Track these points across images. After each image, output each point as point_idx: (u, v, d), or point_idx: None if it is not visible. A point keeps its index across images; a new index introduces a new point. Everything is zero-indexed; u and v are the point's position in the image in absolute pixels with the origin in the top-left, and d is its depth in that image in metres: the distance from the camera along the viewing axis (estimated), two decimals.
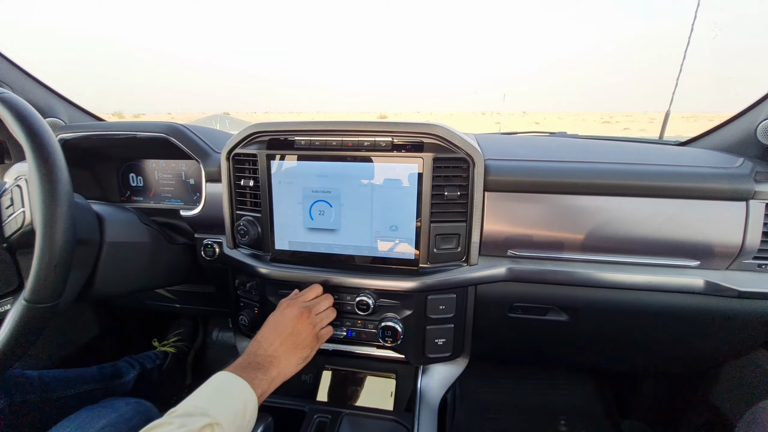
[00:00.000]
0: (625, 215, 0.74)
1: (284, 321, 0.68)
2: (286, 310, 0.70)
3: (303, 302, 0.73)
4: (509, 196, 0.76)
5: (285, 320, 0.68)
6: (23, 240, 0.56)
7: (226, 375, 0.57)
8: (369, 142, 0.74)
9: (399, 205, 0.74)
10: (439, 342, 0.80)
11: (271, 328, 0.67)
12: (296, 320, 0.68)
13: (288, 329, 0.67)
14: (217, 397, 0.53)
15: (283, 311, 0.70)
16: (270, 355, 0.63)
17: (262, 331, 0.67)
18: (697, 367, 1.00)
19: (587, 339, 0.90)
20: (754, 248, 0.72)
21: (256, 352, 0.63)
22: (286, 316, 0.69)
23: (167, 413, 0.50)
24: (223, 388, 0.55)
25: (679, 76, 1.17)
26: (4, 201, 0.59)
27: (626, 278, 0.76)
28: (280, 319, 0.69)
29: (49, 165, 0.53)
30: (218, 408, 0.51)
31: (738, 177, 0.71)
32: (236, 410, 0.52)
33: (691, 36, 1.22)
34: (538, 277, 0.77)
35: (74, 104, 1.18)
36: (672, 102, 1.18)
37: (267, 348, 0.64)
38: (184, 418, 0.47)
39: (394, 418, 0.72)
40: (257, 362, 0.61)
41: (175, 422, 0.46)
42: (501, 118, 8.47)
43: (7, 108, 0.56)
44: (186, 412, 0.49)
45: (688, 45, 1.24)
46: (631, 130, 6.49)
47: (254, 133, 0.78)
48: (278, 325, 0.67)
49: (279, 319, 0.68)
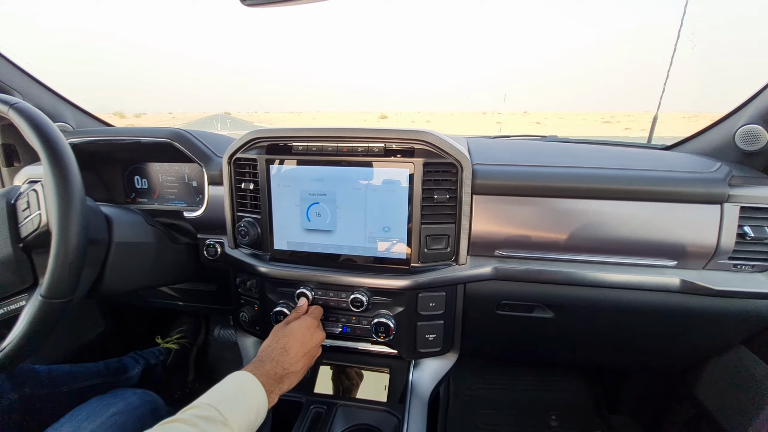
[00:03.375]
0: (606, 217, 0.78)
1: (311, 342, 0.71)
2: (316, 334, 0.73)
3: (315, 316, 0.78)
4: (496, 199, 0.80)
5: (312, 341, 0.71)
6: (39, 240, 0.60)
7: (249, 378, 0.58)
8: (363, 147, 0.78)
9: (391, 207, 0.78)
10: (429, 337, 0.84)
11: (300, 344, 0.69)
12: (317, 340, 0.72)
13: (310, 350, 0.70)
14: (237, 401, 0.54)
15: (313, 333, 0.73)
16: (291, 371, 0.65)
17: (291, 343, 0.68)
18: (680, 364, 1.04)
19: (572, 336, 0.94)
20: (729, 249, 0.75)
21: (282, 363, 0.64)
22: (314, 338, 0.72)
23: (187, 408, 0.51)
24: (244, 392, 0.56)
25: (667, 79, 1.20)
26: (20, 204, 0.63)
27: (607, 277, 0.79)
28: (308, 337, 0.71)
29: (63, 170, 0.57)
30: (236, 414, 0.52)
31: (712, 181, 0.75)
32: (250, 419, 0.54)
33: (678, 37, 1.25)
34: (523, 275, 0.81)
35: (81, 109, 1.22)
36: (660, 106, 1.21)
37: (292, 363, 0.65)
38: (206, 423, 0.48)
39: (386, 409, 0.76)
40: (281, 375, 0.63)
41: (200, 424, 0.48)
42: (501, 118, 8.50)
43: (23, 117, 0.60)
44: (208, 416, 0.50)
45: (676, 47, 1.28)
46: (633, 130, 6.50)
47: (254, 139, 0.82)
48: (305, 343, 0.70)
49: (307, 338, 0.71)
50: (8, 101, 0.61)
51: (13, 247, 0.60)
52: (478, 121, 16.97)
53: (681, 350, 0.96)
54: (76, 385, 0.92)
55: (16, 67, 1.09)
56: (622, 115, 15.68)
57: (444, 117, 25.38)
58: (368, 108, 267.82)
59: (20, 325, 0.57)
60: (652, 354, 1.00)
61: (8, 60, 1.07)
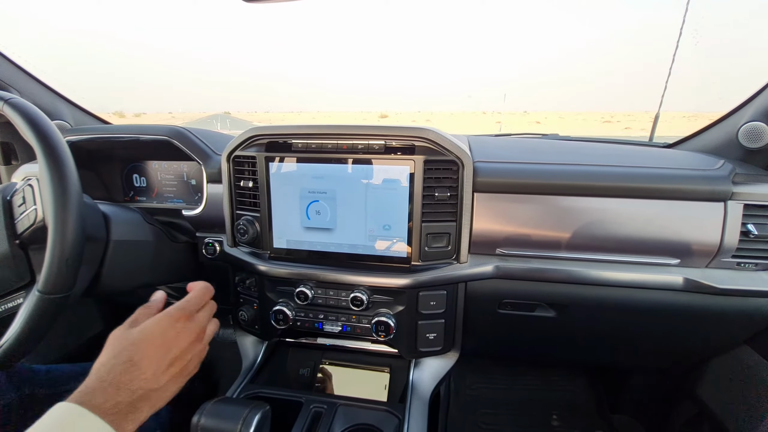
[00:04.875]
0: (608, 215, 0.77)
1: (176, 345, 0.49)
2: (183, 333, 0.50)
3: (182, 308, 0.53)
4: (498, 196, 0.80)
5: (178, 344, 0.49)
6: (35, 236, 0.59)
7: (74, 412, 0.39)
8: (363, 145, 0.77)
9: (392, 205, 0.78)
10: (430, 336, 0.83)
11: (157, 351, 0.47)
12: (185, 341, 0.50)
13: (179, 355, 0.48)
14: None
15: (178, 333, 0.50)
16: (150, 389, 0.44)
17: (141, 354, 0.45)
18: (683, 363, 1.03)
19: (575, 335, 0.94)
20: (732, 247, 0.75)
21: (130, 384, 0.43)
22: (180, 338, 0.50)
23: None
24: None
25: (668, 79, 1.19)
26: (16, 200, 0.63)
27: (610, 276, 0.79)
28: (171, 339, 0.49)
29: (59, 165, 0.57)
30: None
31: (716, 179, 0.74)
32: None
33: (680, 35, 1.24)
34: (525, 274, 0.81)
35: (79, 107, 1.21)
36: (661, 105, 1.20)
37: (149, 380, 0.44)
38: None
39: (386, 408, 0.75)
40: (130, 401, 0.43)
41: None
42: (502, 118, 8.52)
43: (18, 113, 0.60)
44: None
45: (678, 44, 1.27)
46: (633, 130, 6.47)
47: (253, 136, 0.82)
48: (167, 348, 0.48)
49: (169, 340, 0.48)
50: (3, 97, 0.61)
51: (10, 244, 0.59)
52: (478, 121, 16.98)
53: (684, 349, 0.95)
54: (75, 384, 0.91)
55: (14, 64, 1.09)
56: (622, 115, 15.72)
57: (444, 116, 25.36)
58: (368, 107, 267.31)
59: (18, 321, 0.57)
60: (654, 353, 0.99)
61: (6, 57, 1.07)
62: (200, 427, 0.57)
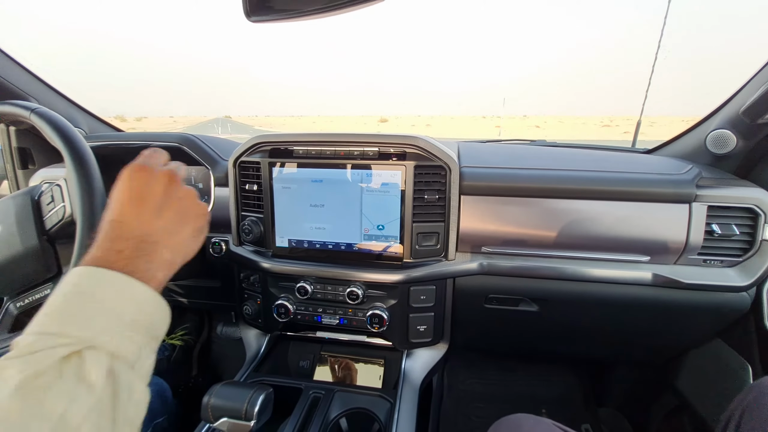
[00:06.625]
0: (584, 216, 0.84)
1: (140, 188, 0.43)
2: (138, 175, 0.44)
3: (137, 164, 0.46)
4: (483, 199, 0.86)
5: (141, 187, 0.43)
6: (63, 231, 0.66)
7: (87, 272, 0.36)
8: (359, 151, 0.84)
9: (385, 207, 0.84)
10: (420, 328, 0.90)
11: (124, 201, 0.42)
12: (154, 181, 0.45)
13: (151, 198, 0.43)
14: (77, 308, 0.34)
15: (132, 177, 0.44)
16: (145, 233, 0.41)
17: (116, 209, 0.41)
18: (662, 356, 1.09)
19: (556, 328, 1.00)
20: (698, 245, 0.81)
21: (122, 235, 0.40)
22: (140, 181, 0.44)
23: None
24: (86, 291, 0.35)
25: (648, 87, 1.26)
26: (44, 199, 0.70)
27: (587, 272, 0.85)
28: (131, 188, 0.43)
29: (86, 167, 0.64)
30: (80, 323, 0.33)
31: (681, 182, 0.81)
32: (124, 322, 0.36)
33: (659, 45, 1.31)
34: (508, 270, 0.87)
35: (93, 115, 1.28)
36: (642, 112, 1.27)
37: (138, 227, 0.41)
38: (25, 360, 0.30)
39: (380, 394, 0.81)
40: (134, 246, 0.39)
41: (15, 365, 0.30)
42: (501, 122, 8.53)
43: (46, 121, 0.67)
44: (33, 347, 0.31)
45: (659, 46, 1.34)
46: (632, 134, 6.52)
47: (257, 144, 0.89)
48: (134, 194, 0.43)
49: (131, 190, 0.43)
50: (29, 107, 0.68)
51: (39, 239, 0.66)
52: (477, 125, 17.02)
53: (661, 342, 1.02)
54: None
55: (31, 74, 1.16)
56: (621, 119, 15.61)
57: (444, 120, 25.33)
58: (368, 112, 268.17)
59: None
60: (633, 345, 1.05)
61: (24, 68, 1.14)
62: (210, 405, 0.64)
